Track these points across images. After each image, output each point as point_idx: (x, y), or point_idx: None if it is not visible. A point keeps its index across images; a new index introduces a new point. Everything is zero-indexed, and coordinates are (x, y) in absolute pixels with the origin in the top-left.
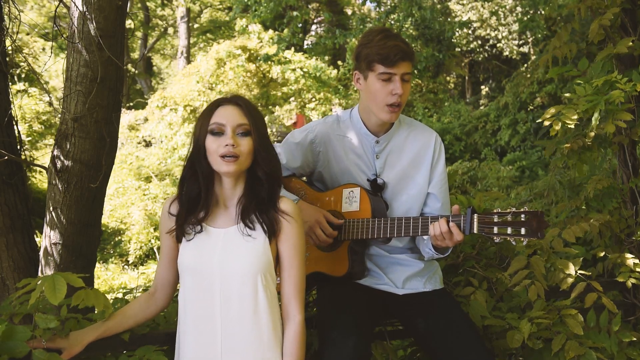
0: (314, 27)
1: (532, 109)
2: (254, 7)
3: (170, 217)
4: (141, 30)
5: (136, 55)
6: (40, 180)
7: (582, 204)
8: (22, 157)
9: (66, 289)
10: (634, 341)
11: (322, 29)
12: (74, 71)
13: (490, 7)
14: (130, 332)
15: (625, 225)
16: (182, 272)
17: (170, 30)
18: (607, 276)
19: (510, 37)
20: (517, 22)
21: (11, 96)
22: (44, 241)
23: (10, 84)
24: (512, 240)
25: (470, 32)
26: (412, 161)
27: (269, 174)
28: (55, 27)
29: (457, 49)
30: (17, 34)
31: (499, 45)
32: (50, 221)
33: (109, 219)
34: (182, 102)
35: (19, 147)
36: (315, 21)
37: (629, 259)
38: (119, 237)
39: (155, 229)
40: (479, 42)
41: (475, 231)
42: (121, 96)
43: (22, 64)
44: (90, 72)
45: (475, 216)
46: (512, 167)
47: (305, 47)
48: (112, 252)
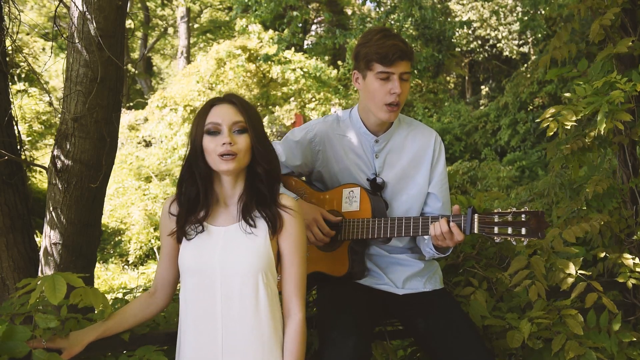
0: (314, 27)
1: (532, 109)
2: (254, 7)
3: (170, 217)
4: (141, 30)
5: (136, 55)
6: (40, 180)
7: (583, 205)
8: (22, 157)
9: (66, 289)
10: (634, 341)
11: (322, 29)
12: (74, 71)
13: (490, 7)
14: (130, 332)
15: (625, 225)
16: (183, 272)
17: (170, 30)
18: (607, 276)
19: (510, 37)
20: (518, 22)
21: (11, 96)
22: (44, 241)
23: (10, 84)
24: (512, 240)
25: (470, 32)
26: (412, 161)
27: (268, 171)
28: (55, 27)
29: (457, 49)
30: (17, 34)
31: (499, 45)
32: (50, 221)
33: (109, 219)
34: (182, 102)
35: (19, 147)
36: (315, 21)
37: (629, 259)
38: (119, 237)
39: (155, 229)
40: (479, 42)
41: (475, 231)
42: (121, 96)
43: (22, 64)
44: (90, 72)
45: (475, 216)
46: (512, 167)
47: (305, 47)
48: (112, 252)
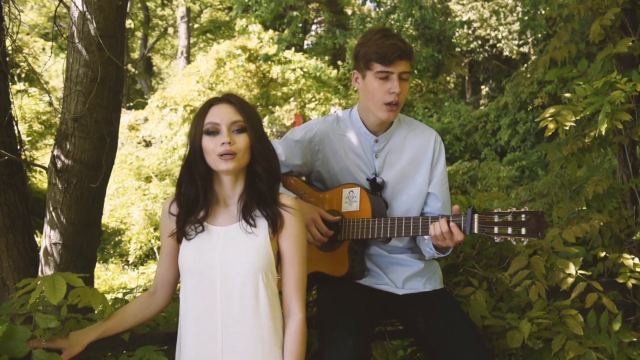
0: (314, 27)
1: (532, 109)
2: (254, 7)
3: (170, 217)
4: (141, 30)
5: (136, 55)
6: (40, 180)
7: (583, 205)
8: (22, 157)
9: (66, 289)
10: (634, 341)
11: (322, 29)
12: (74, 71)
13: (490, 6)
14: (130, 332)
15: (625, 225)
16: (183, 272)
17: (170, 30)
18: (607, 276)
19: (510, 37)
20: (518, 22)
21: (11, 96)
22: (44, 241)
23: (10, 84)
24: (512, 240)
25: (470, 32)
26: (412, 161)
27: (267, 170)
28: (55, 27)
29: (457, 49)
30: (17, 34)
31: (499, 45)
32: (50, 221)
33: (109, 219)
34: (182, 102)
35: (19, 147)
36: (315, 21)
37: (629, 259)
38: (119, 237)
39: (155, 229)
40: (479, 42)
41: (475, 231)
42: (121, 96)
43: (22, 64)
44: (90, 72)
45: (475, 216)
46: (512, 167)
47: (305, 47)
48: (112, 252)
